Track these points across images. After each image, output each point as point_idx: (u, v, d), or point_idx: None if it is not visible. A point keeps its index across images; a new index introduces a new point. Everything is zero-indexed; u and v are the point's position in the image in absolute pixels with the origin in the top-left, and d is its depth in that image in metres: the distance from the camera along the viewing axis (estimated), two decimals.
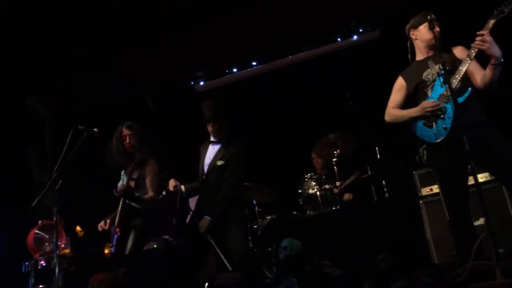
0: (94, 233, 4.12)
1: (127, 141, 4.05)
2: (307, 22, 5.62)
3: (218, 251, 3.50)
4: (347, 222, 4.34)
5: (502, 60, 2.93)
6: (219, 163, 3.77)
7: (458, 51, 3.19)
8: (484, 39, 2.90)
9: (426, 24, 3.20)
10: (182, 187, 3.85)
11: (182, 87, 6.49)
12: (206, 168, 3.85)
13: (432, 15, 3.14)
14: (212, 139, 3.91)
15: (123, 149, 4.04)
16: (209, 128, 3.87)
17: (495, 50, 2.91)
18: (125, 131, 4.07)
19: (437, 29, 3.11)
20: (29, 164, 5.99)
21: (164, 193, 3.90)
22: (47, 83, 5.69)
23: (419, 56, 3.32)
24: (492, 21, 2.95)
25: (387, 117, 3.37)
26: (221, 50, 5.91)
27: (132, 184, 3.90)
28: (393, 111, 3.34)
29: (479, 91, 3.08)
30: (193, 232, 3.76)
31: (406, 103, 3.32)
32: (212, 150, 3.88)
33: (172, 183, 3.84)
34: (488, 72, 3.00)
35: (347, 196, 5.09)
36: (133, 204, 3.95)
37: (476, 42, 2.94)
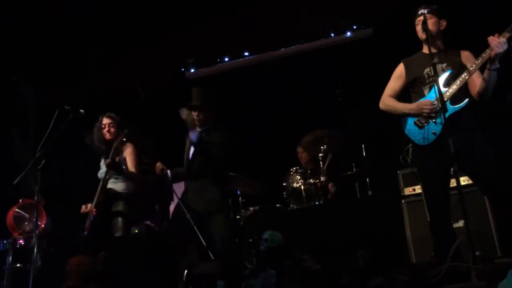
0: (75, 216, 4.10)
1: (106, 129, 4.13)
2: (302, 16, 5.60)
3: (201, 239, 3.49)
4: (329, 218, 4.37)
5: (498, 65, 2.89)
6: (206, 153, 3.74)
7: (465, 56, 3.13)
8: (501, 42, 2.83)
9: (416, 20, 3.19)
10: (169, 171, 3.85)
11: (173, 73, 6.45)
12: (191, 156, 3.84)
13: (421, 10, 3.12)
14: (198, 128, 3.88)
15: (102, 138, 4.13)
16: (195, 116, 3.85)
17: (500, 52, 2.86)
18: (105, 120, 4.16)
19: (432, 20, 3.06)
20: (12, 141, 5.91)
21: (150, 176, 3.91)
22: (34, 63, 5.62)
23: (425, 49, 3.22)
24: (507, 35, 2.88)
25: (382, 105, 3.33)
26: (214, 39, 5.87)
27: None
28: (388, 100, 3.30)
29: (475, 101, 3.06)
30: (178, 219, 3.75)
31: (402, 92, 3.28)
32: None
33: (158, 166, 3.84)
34: (483, 80, 2.96)
35: (330, 186, 5.11)
36: (114, 185, 3.97)
37: (494, 43, 2.85)
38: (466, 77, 2.98)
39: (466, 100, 2.99)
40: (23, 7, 4.96)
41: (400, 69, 3.32)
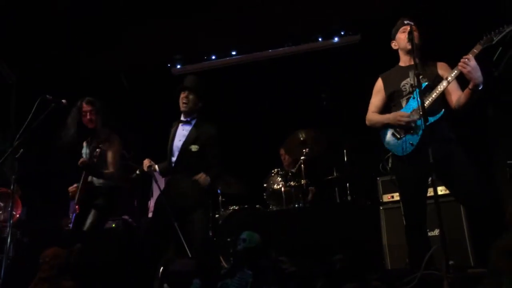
0: (51, 206, 4.04)
1: (88, 117, 3.95)
2: (290, 18, 5.62)
3: (180, 235, 3.45)
4: (308, 221, 4.39)
5: (481, 87, 2.90)
6: (194, 148, 3.64)
7: (441, 68, 3.17)
8: (467, 63, 2.87)
9: (400, 30, 3.24)
10: (157, 166, 3.76)
11: (159, 68, 6.40)
12: (176, 150, 3.71)
13: (406, 21, 3.16)
14: (182, 118, 3.77)
15: (82, 125, 3.95)
16: (182, 99, 3.71)
17: (476, 76, 2.88)
18: (86, 107, 3.96)
19: (415, 34, 3.09)
20: None
21: (138, 172, 3.78)
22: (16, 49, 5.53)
23: (402, 63, 3.31)
24: (479, 47, 2.93)
25: (367, 122, 3.36)
26: (202, 36, 5.85)
27: (95, 160, 3.83)
28: (370, 115, 3.33)
29: (450, 112, 3.09)
30: (159, 213, 3.68)
31: (384, 107, 3.31)
32: (182, 131, 3.73)
33: (146, 163, 3.72)
34: (464, 96, 2.99)
35: (311, 188, 5.12)
36: (94, 178, 3.90)
37: (460, 64, 2.92)
38: (442, 88, 3.00)
39: (442, 110, 3.02)
40: None
41: (379, 84, 3.36)
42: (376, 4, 5.30)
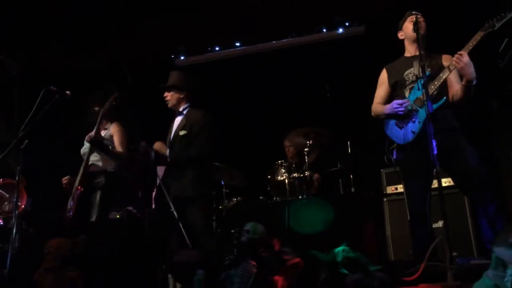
0: (56, 197, 4.05)
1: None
2: (294, 9, 5.58)
3: (181, 227, 3.46)
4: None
5: (474, 82, 2.94)
6: (182, 133, 3.69)
7: (446, 60, 3.19)
8: (460, 59, 2.91)
9: (408, 19, 3.25)
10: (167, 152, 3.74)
11: (163, 59, 6.39)
12: (169, 139, 3.79)
13: (414, 12, 3.18)
14: (180, 109, 3.85)
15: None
16: (165, 99, 3.84)
17: (468, 72, 2.91)
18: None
19: (422, 24, 3.11)
20: None
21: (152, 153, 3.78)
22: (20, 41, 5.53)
23: (407, 53, 3.34)
24: (481, 34, 2.95)
25: (372, 113, 3.39)
26: (206, 27, 5.83)
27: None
28: (375, 107, 3.36)
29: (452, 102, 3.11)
30: (159, 204, 3.69)
31: (389, 98, 3.33)
32: (176, 121, 3.84)
33: (160, 146, 3.73)
34: (459, 89, 3.03)
35: (316, 176, 5.12)
36: (95, 161, 3.88)
37: (454, 59, 2.96)
38: (445, 76, 3.02)
39: (444, 98, 3.04)
40: None
41: (383, 75, 3.39)
42: None
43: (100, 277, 3.08)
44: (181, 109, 3.83)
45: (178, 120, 3.84)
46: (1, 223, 4.49)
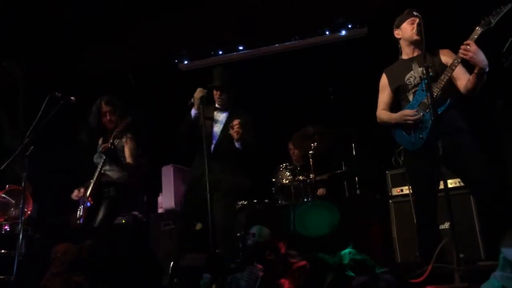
0: (62, 203, 4.07)
1: (108, 118, 3.97)
2: (297, 12, 5.59)
3: (210, 223, 3.42)
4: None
5: (487, 69, 2.88)
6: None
7: (445, 55, 3.14)
8: (468, 49, 2.85)
9: (408, 21, 3.20)
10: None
11: (166, 64, 6.41)
12: (215, 135, 3.78)
13: (415, 12, 3.12)
14: (217, 105, 3.86)
15: (102, 125, 3.97)
16: (217, 97, 3.82)
17: (480, 59, 2.85)
18: (105, 107, 3.96)
19: (421, 25, 3.06)
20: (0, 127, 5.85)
21: (192, 100, 3.72)
22: (25, 47, 5.56)
23: (404, 55, 3.29)
24: (478, 31, 2.92)
25: (378, 119, 3.35)
26: (209, 31, 5.85)
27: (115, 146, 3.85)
28: (380, 113, 3.32)
29: (460, 99, 3.07)
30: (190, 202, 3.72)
31: (392, 103, 3.30)
32: (219, 118, 3.84)
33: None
34: (472, 79, 2.95)
35: (320, 191, 5.11)
36: (108, 171, 3.91)
37: (461, 51, 2.90)
38: (447, 77, 2.97)
39: (448, 101, 2.99)
40: None
41: (384, 79, 3.35)
42: None
43: (106, 281, 3.08)
44: (227, 107, 3.84)
45: (222, 116, 3.82)
46: (8, 229, 4.51)
